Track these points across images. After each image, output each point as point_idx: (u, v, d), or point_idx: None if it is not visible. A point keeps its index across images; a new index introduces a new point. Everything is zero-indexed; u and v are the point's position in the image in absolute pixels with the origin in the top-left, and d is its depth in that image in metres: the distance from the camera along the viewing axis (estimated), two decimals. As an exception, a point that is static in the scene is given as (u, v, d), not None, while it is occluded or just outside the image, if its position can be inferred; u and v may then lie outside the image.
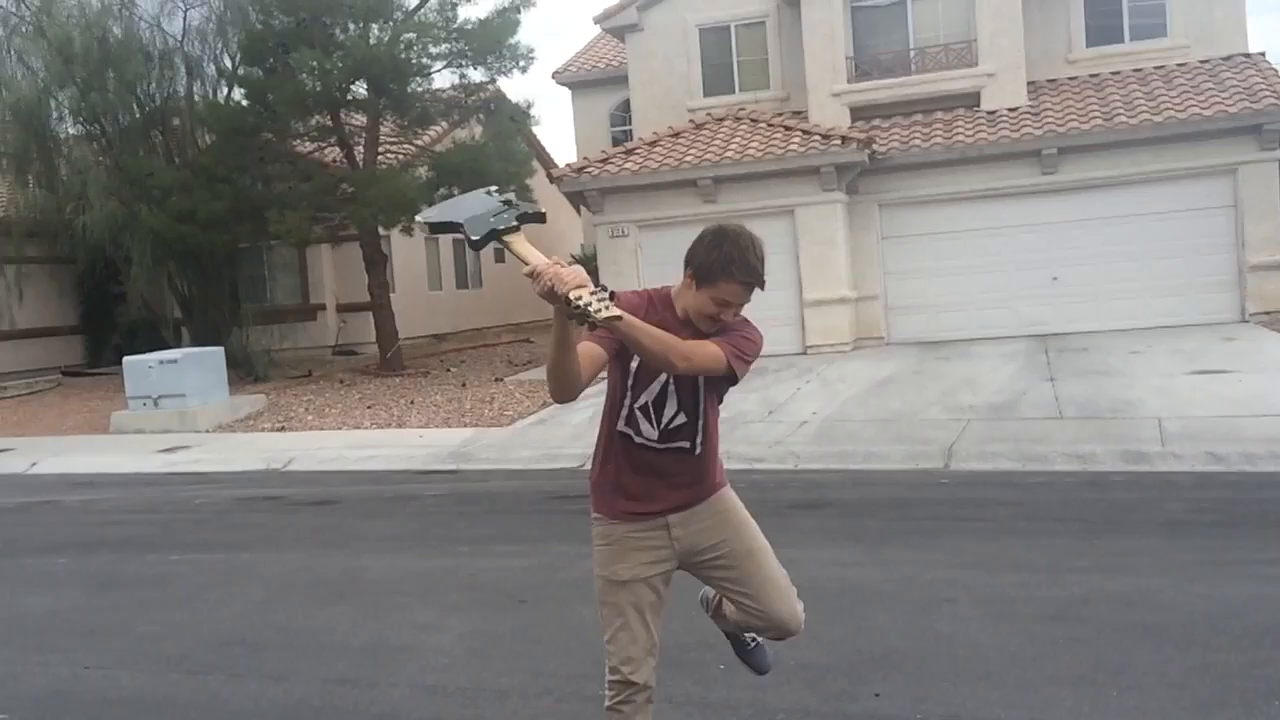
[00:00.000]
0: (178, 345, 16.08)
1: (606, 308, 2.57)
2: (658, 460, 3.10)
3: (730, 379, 3.02)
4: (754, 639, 3.44)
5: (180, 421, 12.32)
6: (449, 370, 16.21)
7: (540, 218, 2.92)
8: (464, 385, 14.16)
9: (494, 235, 2.83)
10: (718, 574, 3.19)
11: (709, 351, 2.91)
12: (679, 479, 3.13)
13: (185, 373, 12.54)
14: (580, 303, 2.56)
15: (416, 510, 8.06)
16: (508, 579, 5.95)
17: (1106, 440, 8.14)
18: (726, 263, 2.89)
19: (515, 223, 2.83)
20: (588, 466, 10.00)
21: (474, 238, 2.82)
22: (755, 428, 9.75)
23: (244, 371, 15.80)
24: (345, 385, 15.08)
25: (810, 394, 11.27)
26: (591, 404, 12.48)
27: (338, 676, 4.66)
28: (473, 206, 2.93)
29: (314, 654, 4.96)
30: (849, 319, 14.63)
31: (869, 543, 6.07)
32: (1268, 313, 13.53)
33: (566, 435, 10.30)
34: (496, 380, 14.44)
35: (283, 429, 12.07)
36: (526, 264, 2.68)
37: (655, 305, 3.03)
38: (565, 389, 2.81)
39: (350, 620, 5.41)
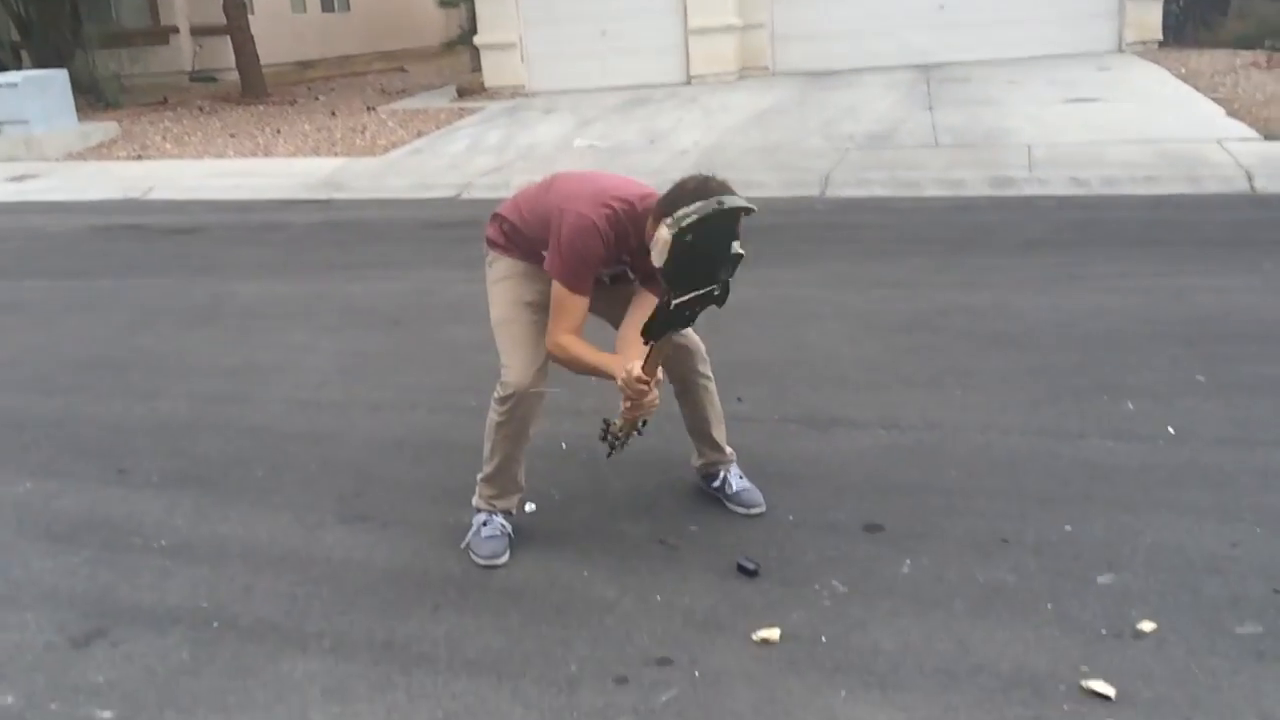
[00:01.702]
0: (17, 68, 14.87)
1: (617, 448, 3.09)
2: None
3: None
4: (730, 477, 3.40)
5: (26, 149, 11.58)
6: (317, 99, 15.45)
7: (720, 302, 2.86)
8: (333, 114, 13.55)
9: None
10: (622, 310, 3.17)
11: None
12: None
13: (27, 97, 11.67)
14: (619, 432, 3.03)
15: (286, 238, 7.85)
16: (381, 302, 5.91)
17: (977, 167, 8.29)
18: None
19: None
20: (464, 196, 9.73)
21: (650, 340, 2.78)
22: (635, 158, 9.63)
23: (93, 98, 14.79)
24: (205, 113, 14.29)
25: (692, 124, 11.11)
26: (467, 134, 12.11)
27: (208, 394, 4.63)
28: (707, 261, 2.72)
29: (182, 374, 4.91)
30: (734, 48, 14.27)
31: (744, 265, 6.15)
32: (1143, 42, 13.65)
33: (442, 165, 10.03)
34: (368, 110, 13.85)
35: (139, 158, 11.46)
36: (647, 367, 2.83)
37: (626, 232, 2.91)
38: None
39: (219, 343, 5.34)
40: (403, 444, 4.02)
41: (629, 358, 2.89)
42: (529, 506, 3.38)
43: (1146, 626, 2.62)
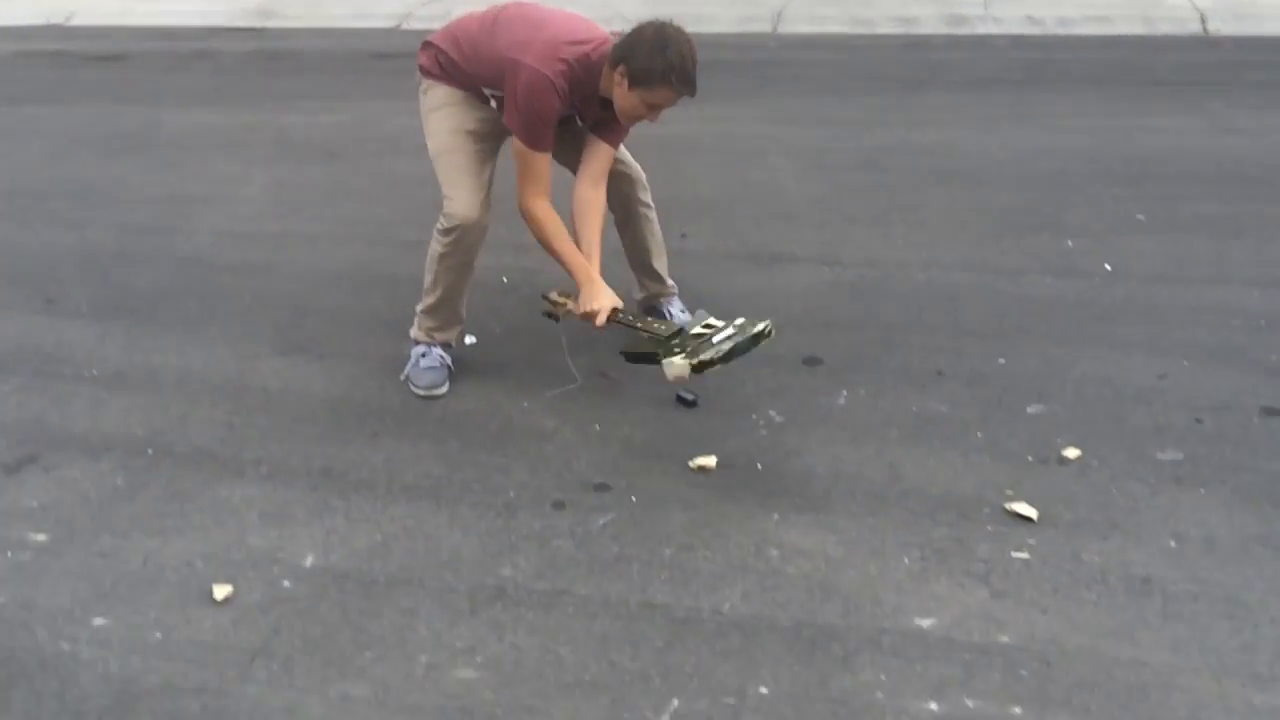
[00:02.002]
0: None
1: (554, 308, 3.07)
2: None
3: None
4: (672, 310, 3.41)
5: (-64, -31, 10.89)
6: (249, -80, 14.62)
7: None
8: (266, -63, 12.84)
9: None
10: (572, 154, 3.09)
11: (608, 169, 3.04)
12: None
13: (-67, -89, 10.90)
14: (559, 310, 3.04)
15: (216, 67, 7.52)
16: (317, 134, 5.73)
17: (933, 4, 8.12)
18: (667, 71, 2.67)
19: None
20: (403, 27, 9.34)
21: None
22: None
23: (7, -85, 13.86)
24: (129, -66, 13.48)
25: (642, -46, 10.70)
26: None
27: (137, 224, 4.50)
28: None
29: (109, 204, 4.75)
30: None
31: (691, 102, 6.02)
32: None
33: (381, -8, 9.60)
34: (303, -68, 13.14)
35: (60, -20, 10.84)
36: (611, 321, 2.88)
37: (580, 82, 2.80)
38: None
39: (147, 172, 5.17)
40: (341, 277, 3.95)
41: (597, 281, 2.90)
42: (469, 339, 3.36)
43: (1071, 453, 2.69)
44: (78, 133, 5.84)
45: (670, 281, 3.42)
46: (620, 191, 3.18)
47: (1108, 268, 3.74)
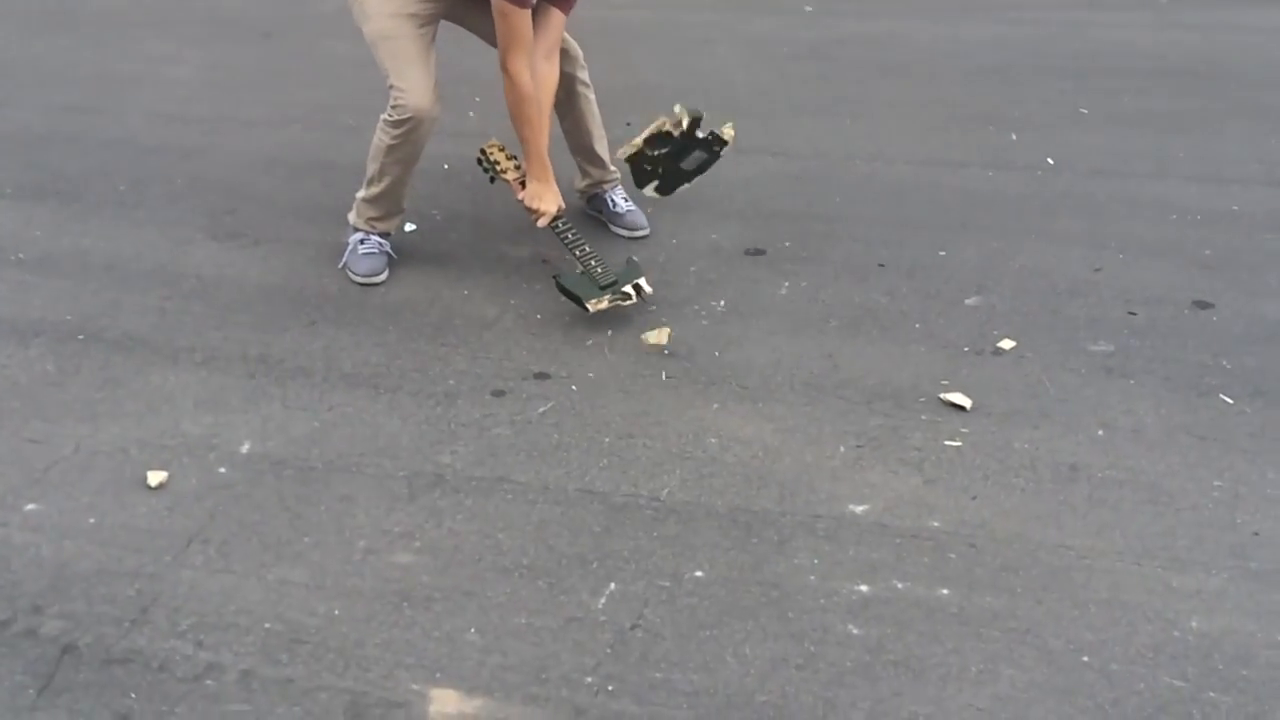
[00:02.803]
0: None
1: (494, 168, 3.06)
2: None
3: None
4: (615, 198, 3.36)
5: None
6: None
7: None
8: None
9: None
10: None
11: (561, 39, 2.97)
12: None
13: None
14: (496, 171, 3.05)
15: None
16: (251, 11, 5.52)
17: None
18: None
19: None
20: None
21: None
22: None
23: None
24: None
25: None
26: None
27: (62, 105, 4.34)
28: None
29: (33, 83, 4.57)
30: None
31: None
32: None
33: None
34: None
35: None
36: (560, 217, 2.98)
37: None
38: None
39: (72, 51, 4.96)
40: (276, 161, 3.84)
41: (551, 183, 2.95)
42: (408, 226, 3.31)
43: (1006, 344, 2.73)
44: (-4, 7, 5.58)
45: (613, 168, 3.37)
46: (560, 70, 3.10)
47: (1050, 161, 3.75)
